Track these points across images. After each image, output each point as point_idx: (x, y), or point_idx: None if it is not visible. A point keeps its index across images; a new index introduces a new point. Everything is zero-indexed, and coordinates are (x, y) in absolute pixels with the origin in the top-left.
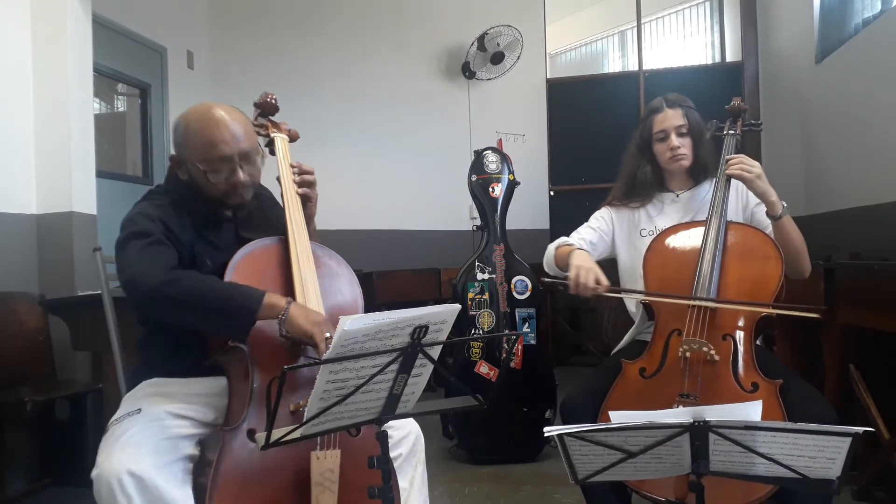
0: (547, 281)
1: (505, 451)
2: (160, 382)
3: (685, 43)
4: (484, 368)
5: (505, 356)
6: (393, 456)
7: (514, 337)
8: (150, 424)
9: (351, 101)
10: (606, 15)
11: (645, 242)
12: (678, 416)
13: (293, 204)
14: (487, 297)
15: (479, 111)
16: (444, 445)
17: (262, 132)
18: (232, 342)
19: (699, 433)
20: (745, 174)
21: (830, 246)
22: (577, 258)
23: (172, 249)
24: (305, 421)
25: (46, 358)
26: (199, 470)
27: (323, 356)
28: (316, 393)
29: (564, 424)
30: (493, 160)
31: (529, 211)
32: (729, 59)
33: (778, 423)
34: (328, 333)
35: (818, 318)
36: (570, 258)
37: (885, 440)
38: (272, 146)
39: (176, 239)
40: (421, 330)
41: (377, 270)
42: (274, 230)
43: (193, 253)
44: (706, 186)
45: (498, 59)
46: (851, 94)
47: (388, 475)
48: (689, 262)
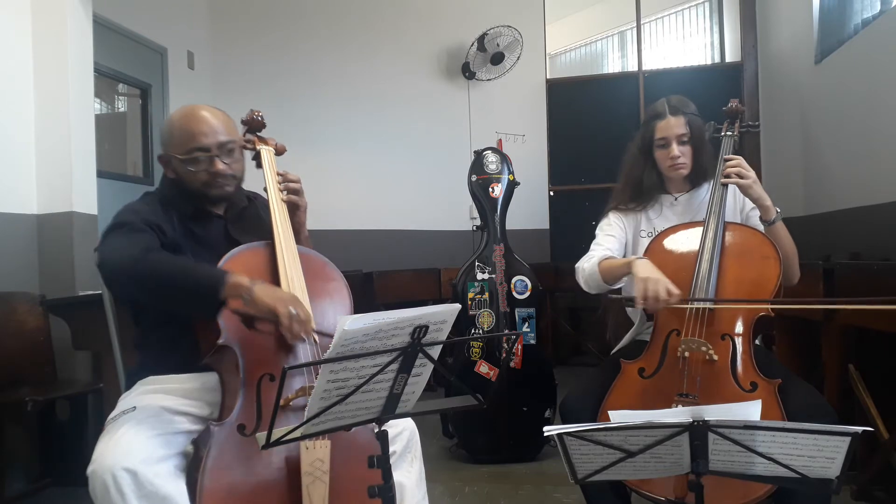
0: (613, 298)
1: (505, 450)
2: (155, 380)
3: (685, 43)
4: (484, 368)
5: (505, 356)
6: None
7: (513, 336)
8: (144, 421)
9: (351, 101)
10: (606, 15)
11: (644, 244)
12: (677, 415)
13: (280, 210)
14: (487, 296)
15: (479, 111)
16: (444, 445)
17: (248, 146)
18: (221, 341)
19: (698, 433)
20: (741, 180)
21: (830, 246)
22: (642, 269)
23: (152, 235)
24: (306, 420)
25: (47, 358)
26: (192, 466)
27: (286, 327)
28: (316, 392)
29: (564, 424)
30: (492, 160)
31: (529, 211)
32: (728, 59)
33: (777, 422)
34: (294, 310)
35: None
36: (633, 269)
37: (884, 440)
38: (259, 159)
39: (160, 231)
40: (421, 330)
41: (377, 270)
42: (269, 234)
43: (178, 247)
44: (704, 189)
45: (498, 59)
46: (851, 94)
47: (387, 474)
48: (687, 262)
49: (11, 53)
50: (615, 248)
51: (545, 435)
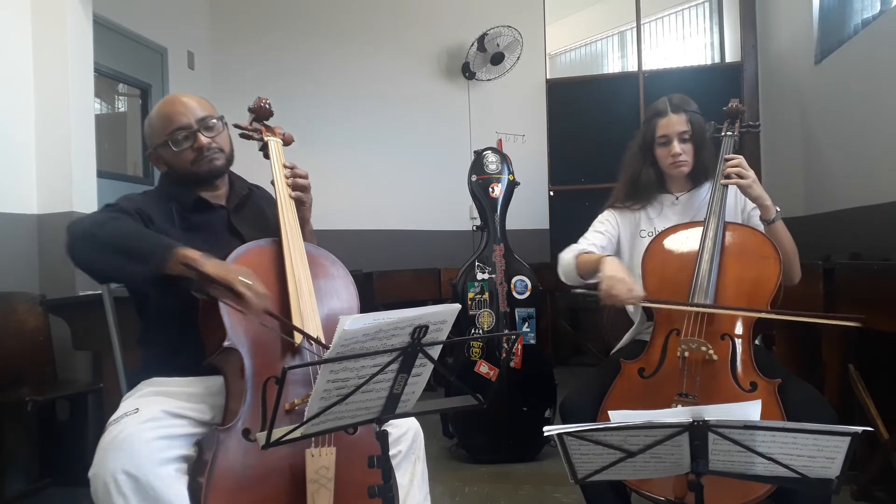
0: (580, 290)
1: (505, 450)
2: (159, 382)
3: (684, 43)
4: (484, 368)
5: (505, 356)
6: (392, 453)
7: (513, 336)
8: (146, 424)
9: (351, 101)
10: (606, 15)
11: (644, 244)
12: (677, 415)
13: (287, 206)
14: (487, 296)
15: (479, 111)
16: (444, 445)
17: (256, 136)
18: (226, 343)
19: (698, 433)
20: (741, 180)
21: (830, 246)
22: (608, 268)
23: (132, 217)
24: (306, 420)
25: (47, 358)
26: (195, 470)
27: (240, 291)
28: (316, 392)
29: (564, 424)
30: (492, 160)
31: (529, 211)
32: (728, 59)
33: (777, 422)
34: (248, 279)
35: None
36: (601, 266)
37: (884, 440)
38: (266, 150)
39: (148, 219)
40: (421, 330)
41: (377, 270)
42: (271, 228)
43: (176, 237)
44: (705, 188)
45: (498, 59)
46: (851, 94)
47: (388, 474)
48: (687, 262)
49: (11, 53)
50: (601, 243)
51: (545, 435)
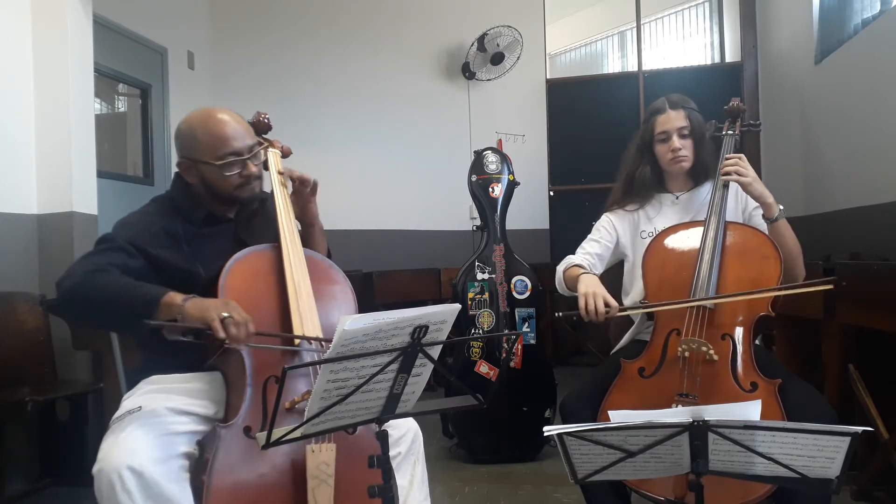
0: (561, 315)
1: (505, 450)
2: (160, 379)
3: (685, 43)
4: (484, 368)
5: (505, 356)
6: (392, 455)
7: (513, 336)
8: (150, 421)
9: (351, 101)
10: (606, 15)
11: (645, 244)
12: (677, 415)
13: (285, 213)
14: (487, 296)
15: (479, 111)
16: (444, 445)
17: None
18: (229, 344)
19: (698, 433)
20: (740, 178)
21: (830, 246)
22: (582, 284)
23: (120, 255)
24: (306, 420)
25: (47, 358)
26: (197, 469)
27: (220, 335)
28: (316, 392)
29: (564, 424)
30: (492, 160)
31: (529, 211)
32: (728, 59)
33: (777, 422)
34: (225, 313)
35: (832, 288)
36: (577, 284)
37: (884, 440)
38: (265, 161)
39: (142, 251)
40: (421, 330)
41: (377, 270)
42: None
43: (182, 251)
44: (706, 188)
45: (498, 59)
46: (851, 94)
47: (388, 474)
48: (687, 262)
49: (11, 53)
50: (598, 251)
51: (545, 435)
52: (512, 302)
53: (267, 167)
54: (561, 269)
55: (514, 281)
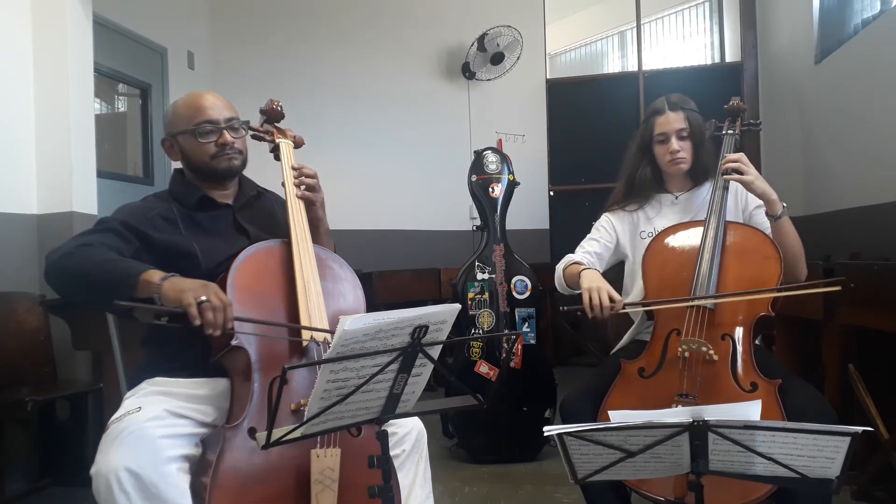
0: (566, 311)
1: (505, 450)
2: (162, 382)
3: (685, 43)
4: (484, 368)
5: (505, 356)
6: (396, 453)
7: (513, 336)
8: (149, 422)
9: (351, 101)
10: (606, 15)
11: (645, 244)
12: (677, 415)
13: (296, 208)
14: (487, 296)
15: (479, 111)
16: (444, 445)
17: (267, 138)
18: (234, 342)
19: (698, 433)
20: (741, 176)
21: (830, 246)
22: (586, 279)
23: (111, 237)
24: (306, 420)
25: (47, 358)
26: (199, 469)
27: (195, 321)
28: (316, 392)
29: (564, 424)
30: (492, 160)
31: (529, 211)
32: (728, 59)
33: (777, 422)
34: (203, 297)
35: (839, 289)
36: (580, 280)
37: (884, 440)
38: (277, 151)
39: (137, 234)
40: (421, 330)
41: (377, 270)
42: (280, 230)
43: (178, 233)
44: (705, 188)
45: (498, 59)
46: (851, 94)
47: (388, 475)
48: (687, 261)
49: (11, 53)
50: (598, 250)
51: (545, 435)
52: (512, 302)
53: (278, 157)
54: (561, 267)
55: (514, 281)
